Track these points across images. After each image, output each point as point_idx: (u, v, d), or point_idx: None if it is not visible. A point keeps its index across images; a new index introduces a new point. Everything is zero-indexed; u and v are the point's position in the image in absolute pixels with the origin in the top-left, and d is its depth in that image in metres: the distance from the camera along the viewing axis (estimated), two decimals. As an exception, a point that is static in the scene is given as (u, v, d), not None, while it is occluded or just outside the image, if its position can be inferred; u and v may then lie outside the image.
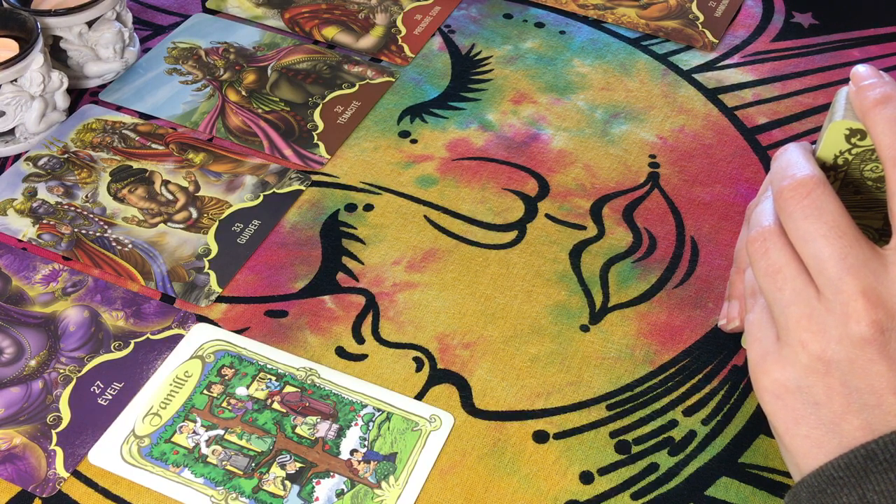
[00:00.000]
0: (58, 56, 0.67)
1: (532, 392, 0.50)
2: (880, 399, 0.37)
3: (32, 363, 0.51)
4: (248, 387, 0.50)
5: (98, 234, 0.57)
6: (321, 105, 0.66)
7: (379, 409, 0.49)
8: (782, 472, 0.47)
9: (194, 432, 0.48)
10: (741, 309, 0.49)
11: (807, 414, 0.39)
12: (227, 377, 0.50)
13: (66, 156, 0.62)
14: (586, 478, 0.47)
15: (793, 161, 0.40)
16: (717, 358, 0.52)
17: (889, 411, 0.37)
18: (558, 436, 0.48)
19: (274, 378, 0.50)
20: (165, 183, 0.61)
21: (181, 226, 0.58)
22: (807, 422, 0.39)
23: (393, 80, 0.68)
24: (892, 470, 0.36)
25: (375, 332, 0.53)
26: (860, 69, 0.42)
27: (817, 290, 0.39)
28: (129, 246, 0.57)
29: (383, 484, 0.46)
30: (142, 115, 0.66)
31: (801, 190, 0.39)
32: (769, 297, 0.40)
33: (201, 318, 0.53)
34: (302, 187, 0.60)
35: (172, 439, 0.48)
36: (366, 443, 0.48)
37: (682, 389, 0.50)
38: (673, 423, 0.49)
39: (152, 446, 0.47)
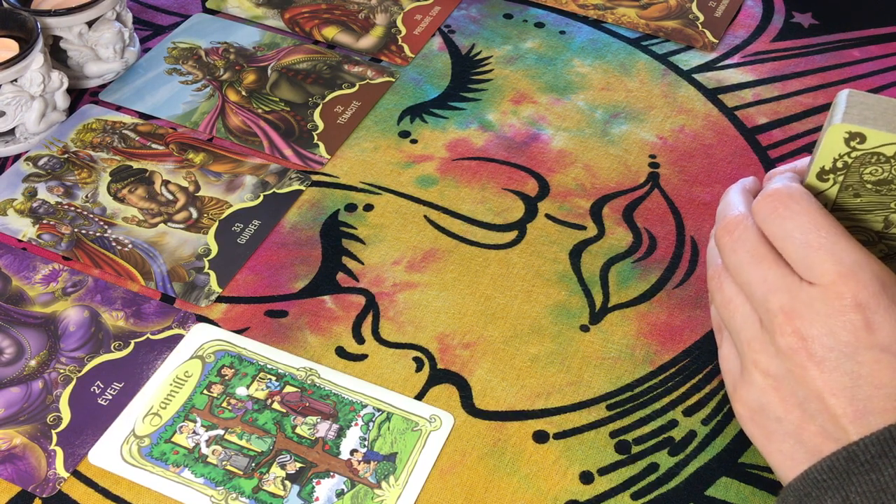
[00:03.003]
0: (58, 56, 0.67)
1: (532, 392, 0.50)
2: (823, 402, 0.39)
3: (32, 363, 0.51)
4: (248, 387, 0.50)
5: (98, 234, 0.57)
6: (321, 105, 0.66)
7: (379, 410, 0.49)
8: (782, 472, 0.47)
9: (194, 432, 0.48)
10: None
11: (774, 430, 0.41)
12: (227, 377, 0.50)
13: (66, 156, 0.62)
14: (586, 478, 0.47)
15: (728, 202, 0.45)
16: (717, 358, 0.52)
17: (834, 413, 0.39)
18: (558, 436, 0.48)
19: (274, 378, 0.50)
20: (165, 183, 0.61)
21: (181, 226, 0.58)
22: (776, 437, 0.41)
23: (393, 80, 0.68)
24: (873, 471, 0.36)
25: (375, 333, 0.53)
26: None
27: (756, 313, 0.42)
28: (129, 246, 0.57)
29: (383, 484, 0.46)
30: (142, 115, 0.66)
31: (728, 228, 0.43)
32: (728, 325, 0.44)
33: (201, 318, 0.53)
34: (302, 187, 0.60)
35: (172, 439, 0.48)
36: (366, 443, 0.48)
37: (682, 389, 0.50)
38: (673, 423, 0.49)
39: (152, 446, 0.47)
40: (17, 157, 0.63)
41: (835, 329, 0.39)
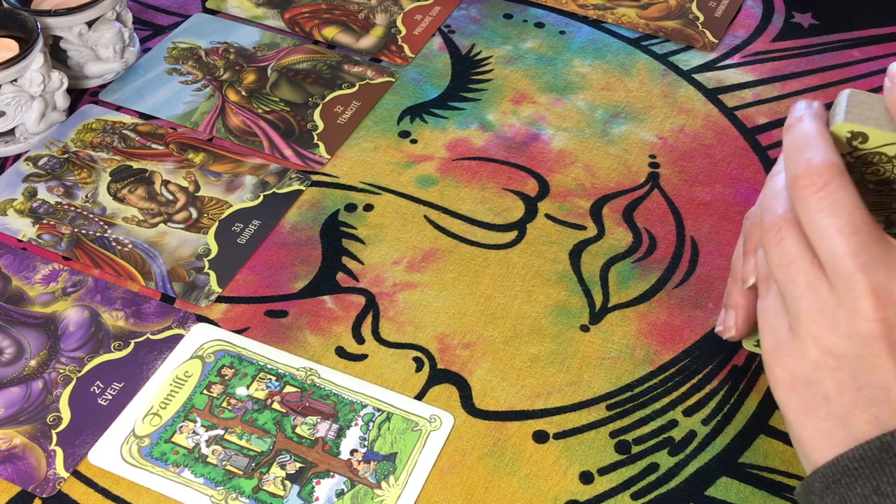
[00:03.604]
0: (58, 56, 0.67)
1: (532, 392, 0.50)
2: (888, 394, 0.37)
3: (32, 363, 0.51)
4: (248, 387, 0.50)
5: (98, 234, 0.57)
6: (321, 105, 0.66)
7: (379, 409, 0.49)
8: (782, 472, 0.47)
9: (194, 432, 0.48)
10: (737, 319, 0.49)
11: (817, 406, 0.39)
12: (227, 377, 0.50)
13: (66, 156, 0.62)
14: (586, 478, 0.47)
15: (809, 141, 0.39)
16: (717, 358, 0.52)
17: None
18: (558, 436, 0.48)
19: (274, 378, 0.50)
20: (165, 183, 0.61)
21: (181, 226, 0.58)
22: (817, 414, 0.39)
23: (393, 80, 0.68)
24: None
25: (375, 332, 0.53)
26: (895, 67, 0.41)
27: (829, 283, 0.38)
28: (129, 246, 0.57)
29: (383, 484, 0.46)
30: (142, 115, 0.66)
31: (817, 180, 0.38)
32: (782, 287, 0.40)
33: (201, 318, 0.53)
34: (302, 187, 0.60)
35: (172, 439, 0.48)
36: (366, 443, 0.48)
37: (682, 389, 0.50)
38: (673, 423, 0.49)
39: (152, 446, 0.47)
40: (17, 157, 0.63)
41: None
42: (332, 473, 0.46)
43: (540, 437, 0.48)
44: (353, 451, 0.47)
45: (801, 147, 0.39)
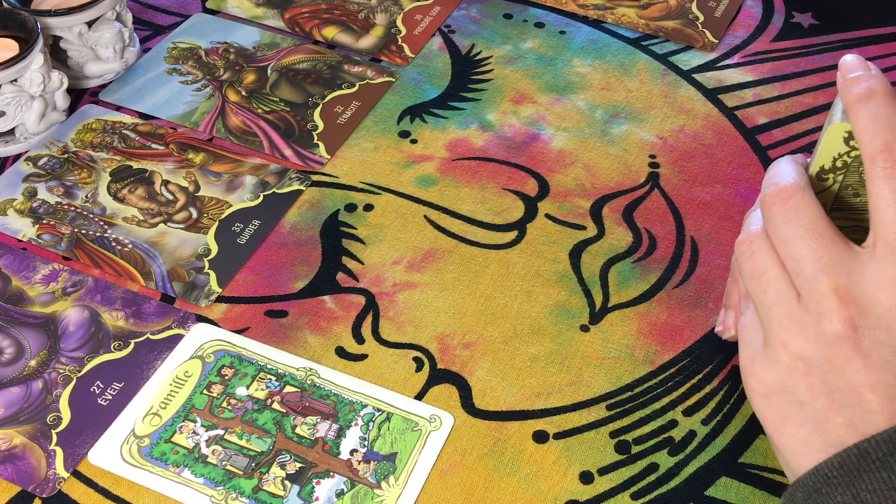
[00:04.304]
0: (58, 56, 0.67)
1: (532, 392, 0.50)
2: (859, 396, 0.38)
3: (32, 363, 0.51)
4: (248, 387, 0.50)
5: (98, 234, 0.57)
6: (321, 105, 0.66)
7: (379, 409, 0.49)
8: (782, 471, 0.47)
9: (194, 432, 0.48)
10: (737, 319, 0.49)
11: (792, 413, 0.40)
12: (227, 377, 0.50)
13: (66, 156, 0.62)
14: (586, 478, 0.47)
15: (780, 171, 0.42)
16: (717, 358, 0.52)
17: (869, 408, 0.38)
18: (558, 436, 0.48)
19: (274, 378, 0.50)
20: (165, 183, 0.61)
21: (181, 226, 0.58)
22: (792, 421, 0.40)
23: (393, 80, 0.68)
24: (885, 469, 0.36)
25: (375, 332, 0.53)
26: (848, 59, 0.43)
27: (797, 291, 0.39)
28: (129, 246, 0.57)
29: (383, 484, 0.46)
30: (142, 115, 0.66)
31: (781, 195, 0.40)
32: (755, 299, 0.41)
33: (201, 318, 0.53)
34: (302, 187, 0.60)
35: (172, 439, 0.48)
36: (366, 443, 0.48)
37: (682, 389, 0.50)
38: (673, 423, 0.49)
39: (152, 446, 0.47)
40: (17, 157, 0.63)
41: (892, 325, 0.37)
42: (332, 473, 0.46)
43: (540, 437, 0.48)
44: (353, 451, 0.47)
45: (773, 176, 0.42)
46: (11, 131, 0.63)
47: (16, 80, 0.61)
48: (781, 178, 0.41)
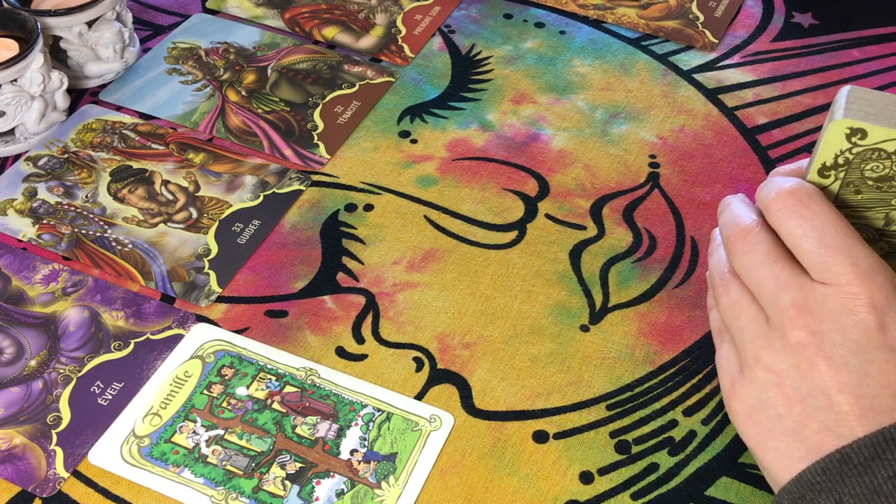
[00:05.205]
0: (58, 56, 0.67)
1: (532, 392, 0.50)
2: (829, 399, 0.39)
3: (32, 363, 0.51)
4: (248, 387, 0.50)
5: (98, 234, 0.57)
6: (321, 105, 0.66)
7: (379, 409, 0.49)
8: (782, 472, 0.47)
9: (194, 432, 0.48)
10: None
11: (772, 427, 0.41)
12: (227, 377, 0.50)
13: (66, 156, 0.62)
14: (586, 478, 0.47)
15: (735, 212, 0.45)
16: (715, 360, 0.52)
17: (840, 409, 0.39)
18: (558, 436, 0.48)
19: (274, 378, 0.50)
20: (165, 183, 0.61)
21: (181, 226, 0.58)
22: (773, 434, 0.41)
23: (393, 80, 0.68)
24: (866, 473, 0.37)
25: (375, 332, 0.53)
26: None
27: (766, 314, 0.42)
28: (129, 246, 0.57)
29: (383, 484, 0.46)
30: (142, 115, 0.66)
31: (742, 233, 0.44)
32: (731, 327, 0.44)
33: (201, 318, 0.53)
34: (302, 187, 0.60)
35: (172, 439, 0.48)
36: (366, 443, 0.48)
37: (682, 389, 0.50)
38: (673, 423, 0.49)
39: (152, 446, 0.47)
40: (17, 157, 0.63)
41: (846, 326, 0.39)
42: (332, 473, 0.46)
43: (540, 437, 0.48)
44: (353, 451, 0.47)
45: (731, 218, 0.46)
46: (11, 131, 0.63)
47: (16, 80, 0.61)
48: (740, 218, 0.45)
